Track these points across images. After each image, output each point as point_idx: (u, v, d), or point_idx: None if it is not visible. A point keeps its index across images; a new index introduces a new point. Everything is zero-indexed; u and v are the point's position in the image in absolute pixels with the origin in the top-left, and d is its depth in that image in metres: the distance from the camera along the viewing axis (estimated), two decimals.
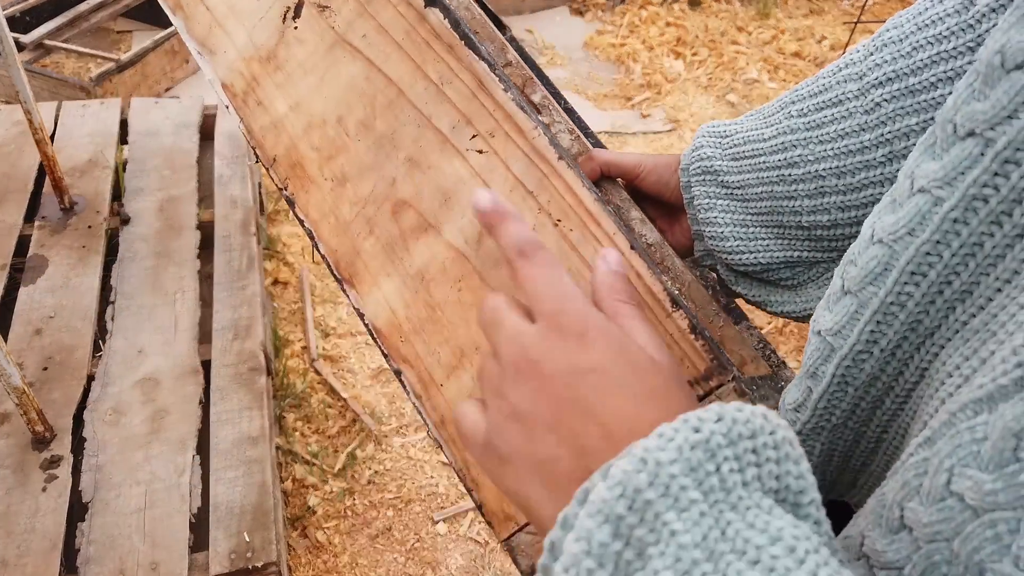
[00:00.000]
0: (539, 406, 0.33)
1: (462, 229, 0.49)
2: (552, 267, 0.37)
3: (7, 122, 2.07)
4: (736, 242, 0.60)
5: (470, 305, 0.49)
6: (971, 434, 0.26)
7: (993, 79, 0.29)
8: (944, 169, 0.31)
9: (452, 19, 0.50)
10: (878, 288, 0.34)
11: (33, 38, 2.78)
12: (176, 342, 1.56)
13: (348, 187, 0.54)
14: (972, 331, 0.31)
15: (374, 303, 0.53)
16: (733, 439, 0.27)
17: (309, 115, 0.56)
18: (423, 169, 0.51)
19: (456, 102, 0.50)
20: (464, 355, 0.49)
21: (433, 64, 0.51)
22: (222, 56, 0.60)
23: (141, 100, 2.22)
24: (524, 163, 0.48)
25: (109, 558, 1.21)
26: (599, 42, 3.44)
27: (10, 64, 1.54)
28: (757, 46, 3.43)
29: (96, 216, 1.82)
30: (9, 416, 1.39)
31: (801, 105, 0.56)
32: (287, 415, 1.77)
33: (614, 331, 0.34)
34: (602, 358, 0.33)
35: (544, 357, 0.33)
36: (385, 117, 0.53)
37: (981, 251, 0.30)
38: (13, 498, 1.27)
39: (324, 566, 1.53)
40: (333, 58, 0.55)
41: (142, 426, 1.40)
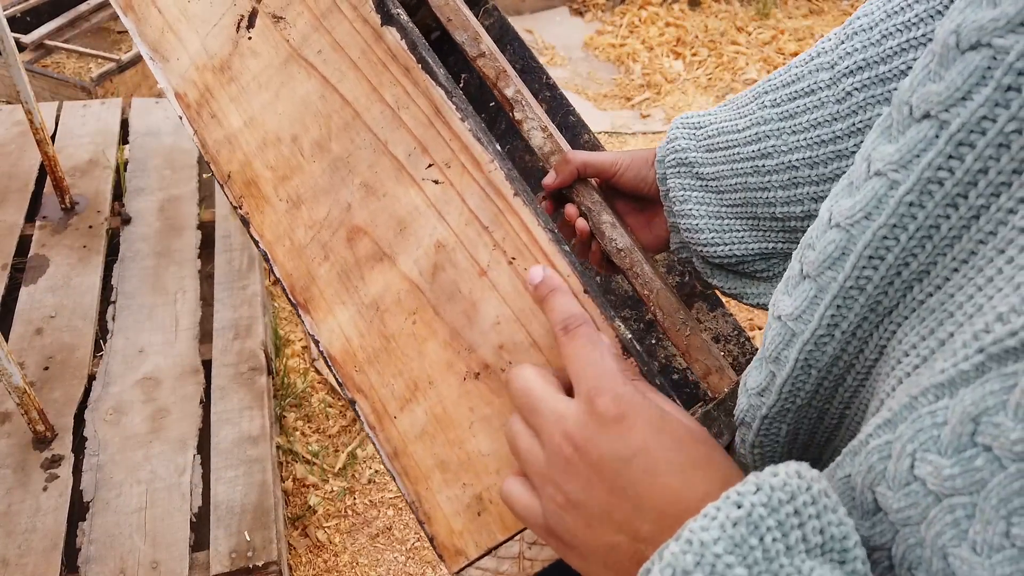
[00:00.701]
0: (592, 496, 0.34)
1: (417, 261, 0.48)
2: (594, 345, 0.38)
3: (8, 122, 2.07)
4: (711, 234, 0.60)
5: (424, 338, 0.48)
6: (932, 418, 0.26)
7: (948, 60, 0.29)
8: (900, 152, 0.31)
9: (409, 40, 0.48)
10: (836, 272, 0.34)
11: (34, 38, 2.79)
12: (177, 342, 1.57)
13: (303, 210, 0.52)
14: (928, 310, 0.31)
15: (328, 331, 0.52)
16: (774, 507, 0.28)
17: (264, 132, 0.54)
18: (378, 196, 0.50)
19: (412, 128, 0.48)
20: (417, 388, 0.49)
21: (389, 87, 0.49)
22: (175, 63, 0.58)
23: (142, 100, 2.22)
24: (480, 197, 0.46)
25: (110, 557, 1.21)
26: (599, 42, 3.44)
27: (11, 64, 1.55)
28: (757, 46, 3.43)
29: (97, 216, 1.82)
30: (10, 415, 1.39)
31: (774, 95, 0.56)
32: (288, 414, 1.78)
33: (650, 408, 0.35)
34: (644, 439, 0.34)
35: (589, 445, 0.35)
36: (341, 139, 0.51)
37: (938, 233, 0.30)
38: (14, 497, 1.27)
39: (324, 565, 1.53)
40: (288, 73, 0.53)
41: (143, 425, 1.40)
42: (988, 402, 0.24)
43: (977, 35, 0.28)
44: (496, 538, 0.47)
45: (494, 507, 0.46)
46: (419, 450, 0.49)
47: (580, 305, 0.41)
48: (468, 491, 0.47)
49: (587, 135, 0.82)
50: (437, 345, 0.48)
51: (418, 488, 0.49)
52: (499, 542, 0.47)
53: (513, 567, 0.47)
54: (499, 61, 0.63)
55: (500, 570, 0.46)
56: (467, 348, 0.47)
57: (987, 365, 0.25)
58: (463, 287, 0.47)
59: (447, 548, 0.48)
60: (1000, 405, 0.24)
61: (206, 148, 0.57)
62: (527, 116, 0.63)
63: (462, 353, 0.47)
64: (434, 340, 0.48)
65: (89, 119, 2.11)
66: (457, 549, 0.48)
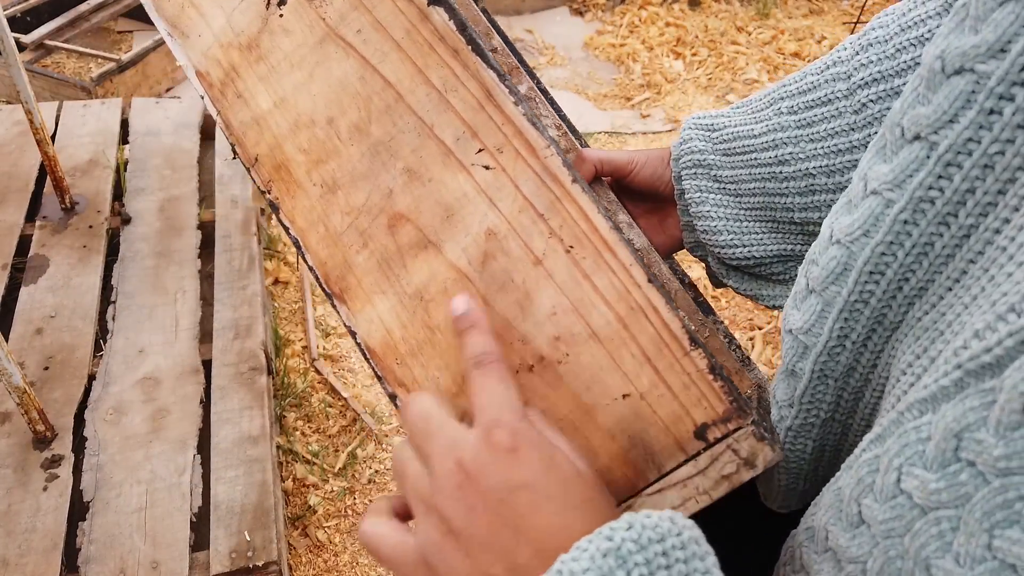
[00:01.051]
0: (475, 523, 0.34)
1: (465, 249, 0.46)
2: (502, 382, 0.38)
3: (8, 122, 2.07)
4: (729, 236, 0.60)
5: None
6: (916, 433, 0.27)
7: (935, 83, 0.30)
8: (893, 172, 0.32)
9: (458, 21, 0.46)
10: (840, 287, 0.35)
11: (34, 38, 2.79)
12: (177, 342, 1.57)
13: (339, 195, 0.50)
14: (923, 328, 0.32)
15: (367, 321, 0.50)
16: (643, 544, 0.30)
17: (296, 114, 0.52)
18: (423, 182, 0.48)
19: (461, 112, 0.46)
20: (465, 382, 0.47)
21: (436, 69, 0.47)
22: (196, 40, 0.55)
23: (142, 100, 2.22)
24: (535, 183, 0.44)
25: (110, 557, 1.21)
26: (599, 42, 3.44)
27: (11, 64, 1.55)
28: (757, 46, 3.43)
29: (97, 216, 1.82)
30: (10, 415, 1.39)
31: (791, 103, 0.56)
32: (288, 414, 1.78)
33: (544, 446, 0.36)
34: (532, 474, 0.35)
35: (479, 473, 0.35)
36: (382, 122, 0.49)
37: (932, 250, 0.31)
38: (14, 497, 1.27)
39: (325, 565, 1.53)
40: (323, 53, 0.50)
41: (143, 425, 1.40)
42: (969, 418, 0.25)
43: (960, 60, 0.29)
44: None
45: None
46: None
47: (495, 343, 0.41)
48: None
49: (580, 143, 0.82)
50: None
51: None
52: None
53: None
54: (511, 57, 0.61)
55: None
56: (520, 339, 0.45)
57: (965, 381, 0.26)
58: (516, 276, 0.45)
59: None
60: (981, 421, 0.24)
61: (231, 129, 0.54)
62: (541, 113, 0.61)
63: (515, 345, 0.45)
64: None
65: (89, 119, 2.11)
66: None
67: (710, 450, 0.41)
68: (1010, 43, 0.27)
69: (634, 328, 0.43)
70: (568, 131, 0.64)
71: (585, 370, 0.44)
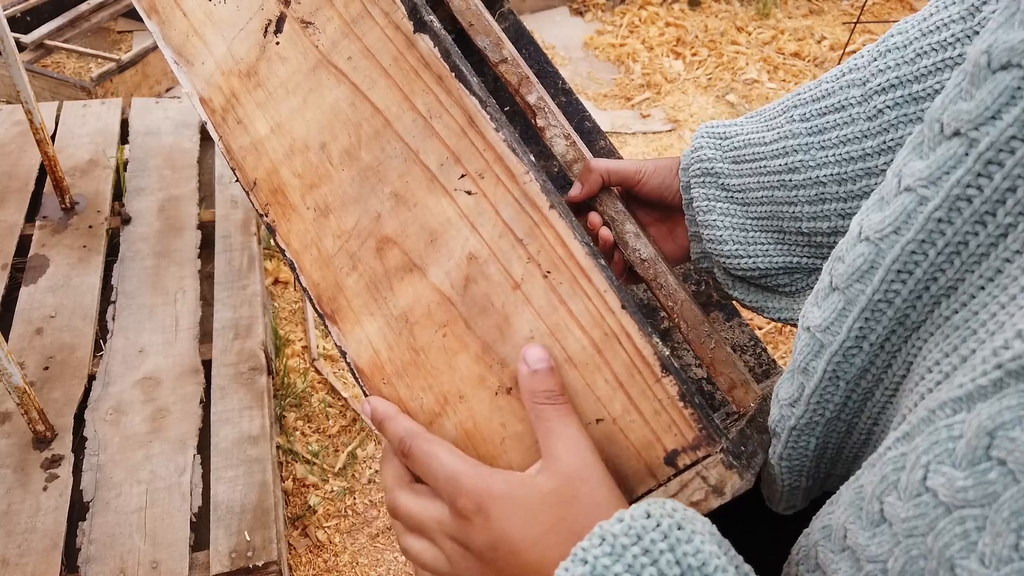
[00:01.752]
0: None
1: (448, 273, 0.47)
2: (432, 455, 0.43)
3: (8, 122, 2.07)
4: (735, 246, 0.59)
5: (455, 351, 0.47)
6: (948, 431, 0.26)
7: (979, 79, 0.29)
8: (929, 168, 0.31)
9: (442, 48, 0.47)
10: (865, 285, 0.34)
11: (34, 38, 2.79)
12: (177, 342, 1.57)
13: (331, 219, 0.51)
14: (953, 327, 0.31)
15: (356, 342, 0.51)
16: (619, 553, 0.31)
17: (291, 139, 0.53)
18: (409, 206, 0.48)
19: (445, 138, 0.47)
20: (447, 402, 0.48)
21: (422, 95, 0.48)
22: (200, 68, 0.57)
23: (142, 100, 2.22)
24: (514, 209, 0.45)
25: (110, 557, 1.21)
26: (599, 42, 3.44)
27: (11, 64, 1.55)
28: (757, 46, 3.43)
29: (97, 216, 1.82)
30: (10, 415, 1.39)
31: (803, 110, 0.55)
32: (288, 414, 1.78)
33: (500, 489, 0.40)
34: (500, 526, 0.38)
35: (467, 540, 0.40)
36: (371, 148, 0.50)
37: (966, 249, 0.31)
38: (14, 497, 1.27)
39: (325, 565, 1.53)
40: (317, 79, 0.51)
41: (143, 425, 1.40)
42: (1005, 417, 0.24)
43: (1008, 55, 0.28)
44: None
45: None
46: None
47: (409, 420, 0.46)
48: None
49: (603, 140, 0.81)
50: (468, 359, 0.47)
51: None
52: None
53: None
54: (521, 67, 0.62)
55: None
56: (499, 362, 0.46)
57: (1005, 381, 0.25)
58: (496, 300, 0.46)
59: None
60: (1016, 420, 0.24)
61: (231, 154, 0.55)
62: (550, 123, 0.62)
63: (494, 367, 0.46)
64: (465, 354, 0.47)
65: (89, 119, 2.11)
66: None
67: (679, 476, 0.42)
68: None
69: (608, 353, 0.43)
70: (577, 141, 0.63)
71: None
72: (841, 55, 3.07)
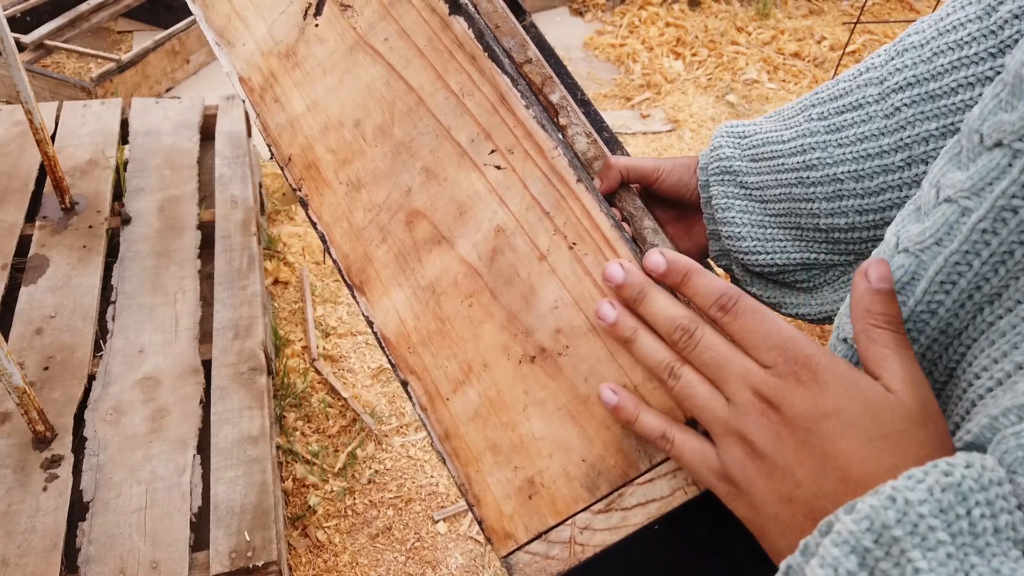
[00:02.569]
0: (780, 448, 0.35)
1: (476, 244, 0.49)
2: (762, 314, 0.38)
3: (8, 122, 2.07)
4: (753, 242, 0.60)
5: (480, 321, 0.49)
6: (1016, 440, 0.27)
7: (1021, 90, 0.29)
8: (971, 179, 0.31)
9: (476, 29, 0.49)
10: (907, 297, 0.34)
11: (34, 38, 2.78)
12: (176, 342, 1.57)
13: (363, 193, 0.53)
14: (999, 333, 0.31)
15: (383, 312, 0.53)
16: (985, 484, 0.28)
17: (326, 116, 0.55)
18: (439, 180, 0.50)
19: (476, 115, 0.49)
20: (471, 370, 0.49)
21: (455, 74, 0.50)
22: (240, 48, 0.59)
23: (142, 100, 2.22)
24: (542, 183, 0.47)
25: (110, 557, 1.21)
26: (599, 42, 3.44)
27: (11, 64, 1.55)
28: (757, 46, 3.43)
29: (97, 216, 1.82)
30: (10, 415, 1.39)
31: (821, 108, 0.56)
32: (287, 415, 1.78)
33: (844, 370, 0.35)
34: (837, 401, 0.34)
35: (783, 401, 0.35)
36: (403, 124, 0.52)
37: (1011, 259, 0.30)
38: (14, 497, 1.27)
39: (324, 565, 1.53)
40: (353, 60, 0.54)
41: (142, 425, 1.40)
42: None
43: None
44: (547, 522, 0.47)
45: (546, 491, 0.47)
46: (471, 432, 0.49)
47: (721, 280, 0.41)
48: (520, 474, 0.48)
49: (620, 151, 0.83)
50: (493, 328, 0.48)
51: (468, 470, 0.50)
52: (550, 526, 0.47)
53: (564, 551, 0.47)
54: (545, 68, 0.65)
55: (550, 555, 0.47)
56: (524, 332, 0.48)
57: None
58: (522, 271, 0.47)
59: (496, 531, 0.48)
60: None
61: (268, 131, 0.58)
62: (571, 122, 0.64)
63: (519, 336, 0.48)
64: (490, 323, 0.49)
65: (89, 119, 2.11)
66: (507, 532, 0.48)
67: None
68: None
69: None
70: (598, 138, 0.66)
71: (584, 362, 0.46)
72: (841, 55, 3.07)
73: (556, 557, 0.46)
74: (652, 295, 0.41)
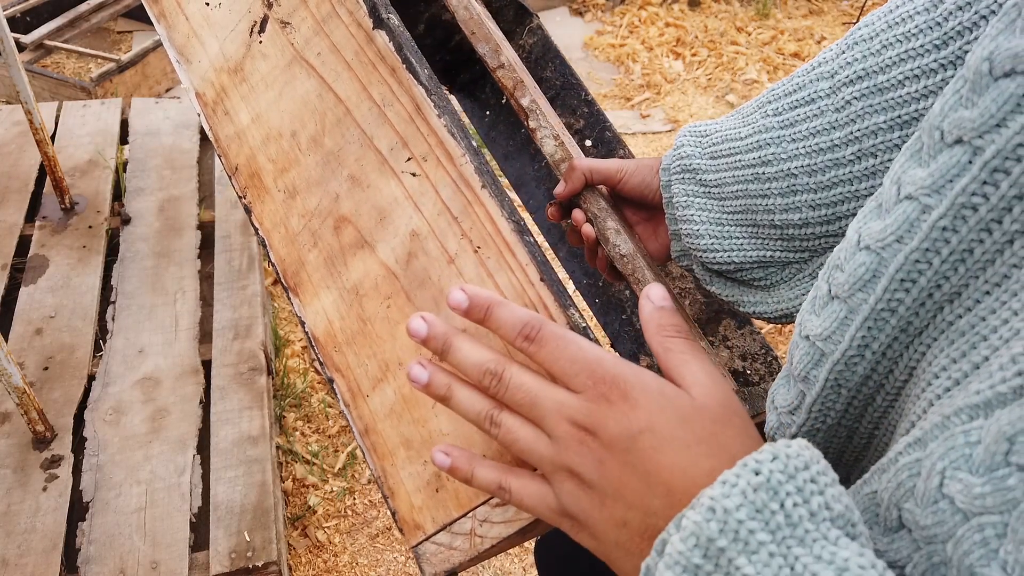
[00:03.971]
0: (605, 475, 0.35)
1: (394, 248, 0.51)
2: (561, 339, 0.38)
3: (8, 122, 2.07)
4: (711, 240, 0.60)
5: (396, 322, 0.51)
6: (965, 437, 0.26)
7: (981, 86, 0.29)
8: (932, 177, 0.31)
9: (396, 42, 0.51)
10: (868, 295, 0.34)
11: (33, 38, 2.78)
12: (176, 342, 1.57)
13: (298, 200, 0.56)
14: (959, 332, 0.31)
15: (314, 313, 0.55)
16: (791, 473, 0.28)
17: (268, 128, 0.58)
18: (363, 187, 0.53)
19: (395, 124, 0.51)
20: (388, 369, 0.51)
21: (377, 85, 0.52)
22: (197, 65, 0.63)
23: (141, 100, 2.22)
24: (451, 189, 0.49)
25: (109, 557, 1.21)
26: (599, 42, 3.44)
27: (11, 64, 1.55)
28: (756, 46, 3.44)
29: (97, 216, 1.82)
30: (10, 416, 1.39)
31: (776, 104, 0.56)
32: (287, 415, 1.78)
33: (652, 383, 0.36)
34: (649, 416, 0.34)
35: (598, 426, 0.35)
36: (333, 134, 0.54)
37: (971, 257, 0.30)
38: (14, 497, 1.27)
39: (324, 565, 1.53)
40: (291, 74, 0.56)
41: (142, 426, 1.40)
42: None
43: (1011, 63, 0.28)
44: (452, 514, 0.49)
45: (451, 484, 0.49)
46: (387, 428, 0.51)
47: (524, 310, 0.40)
48: (428, 468, 0.50)
49: (622, 151, 0.84)
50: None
51: (384, 464, 0.52)
52: (454, 518, 0.48)
53: (465, 543, 0.48)
54: (517, 72, 0.66)
55: (453, 545, 0.48)
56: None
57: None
58: (433, 274, 0.49)
59: (407, 523, 0.51)
60: None
61: (219, 143, 0.61)
62: (540, 124, 0.66)
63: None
64: (406, 323, 0.50)
65: (89, 119, 2.11)
66: (416, 524, 0.50)
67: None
68: None
69: None
70: (566, 141, 0.67)
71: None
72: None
73: (459, 548, 0.48)
74: (456, 344, 0.40)
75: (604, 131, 0.85)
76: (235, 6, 0.60)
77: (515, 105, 0.66)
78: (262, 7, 0.58)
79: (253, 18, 0.59)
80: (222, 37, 0.61)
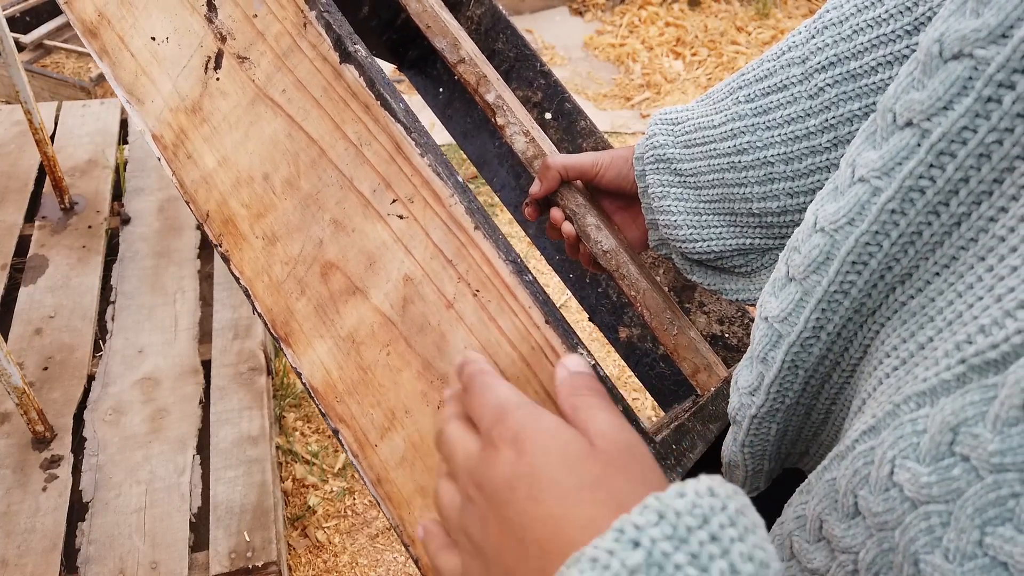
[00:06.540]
0: (488, 537, 0.31)
1: (387, 294, 0.50)
2: (488, 386, 0.35)
3: (7, 122, 2.07)
4: (689, 230, 0.60)
5: (398, 369, 0.49)
6: (912, 426, 0.26)
7: (931, 68, 0.29)
8: (882, 159, 0.31)
9: (367, 77, 0.49)
10: (821, 277, 0.34)
11: (33, 38, 2.78)
12: (176, 342, 1.56)
13: (279, 246, 0.54)
14: (910, 313, 0.31)
15: (309, 363, 0.53)
16: (682, 537, 0.24)
17: (237, 171, 0.55)
18: (348, 232, 0.51)
19: (375, 164, 0.49)
20: (395, 417, 0.50)
21: (352, 124, 0.50)
22: (150, 106, 0.59)
23: None
24: (443, 231, 0.48)
25: (109, 558, 1.21)
26: (599, 42, 3.44)
27: (10, 64, 1.55)
28: (757, 46, 3.43)
29: (96, 216, 1.82)
30: (9, 416, 1.39)
31: (748, 91, 0.55)
32: (287, 415, 1.78)
33: (549, 425, 0.32)
34: (532, 461, 0.30)
35: (484, 477, 0.32)
36: (309, 177, 0.52)
37: (920, 239, 0.30)
38: (13, 498, 1.27)
39: (324, 565, 1.53)
40: (256, 113, 0.54)
41: (142, 426, 1.40)
42: (968, 412, 0.24)
43: (959, 45, 0.28)
44: None
45: None
46: (400, 476, 0.50)
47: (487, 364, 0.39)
48: None
49: (583, 121, 0.82)
50: (411, 375, 0.49)
51: (401, 513, 0.51)
52: None
53: None
54: (479, 67, 0.63)
55: None
56: (439, 378, 0.49)
57: (968, 376, 0.25)
58: (432, 319, 0.48)
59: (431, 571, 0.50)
60: (979, 416, 0.24)
61: (184, 188, 0.57)
62: (509, 121, 0.64)
63: (435, 383, 0.49)
64: (408, 371, 0.49)
65: (88, 119, 2.11)
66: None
67: None
68: (1012, 28, 0.26)
69: (536, 367, 0.46)
70: (537, 137, 0.65)
71: None
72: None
73: None
74: (447, 430, 0.37)
75: (564, 102, 0.83)
76: (184, 40, 0.56)
77: (480, 102, 0.64)
78: (215, 41, 0.54)
79: (206, 53, 0.55)
80: (174, 74, 0.57)
